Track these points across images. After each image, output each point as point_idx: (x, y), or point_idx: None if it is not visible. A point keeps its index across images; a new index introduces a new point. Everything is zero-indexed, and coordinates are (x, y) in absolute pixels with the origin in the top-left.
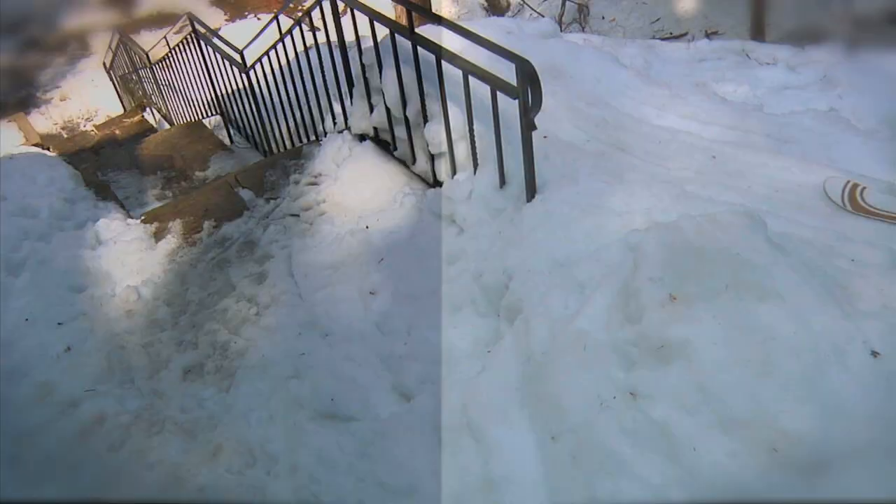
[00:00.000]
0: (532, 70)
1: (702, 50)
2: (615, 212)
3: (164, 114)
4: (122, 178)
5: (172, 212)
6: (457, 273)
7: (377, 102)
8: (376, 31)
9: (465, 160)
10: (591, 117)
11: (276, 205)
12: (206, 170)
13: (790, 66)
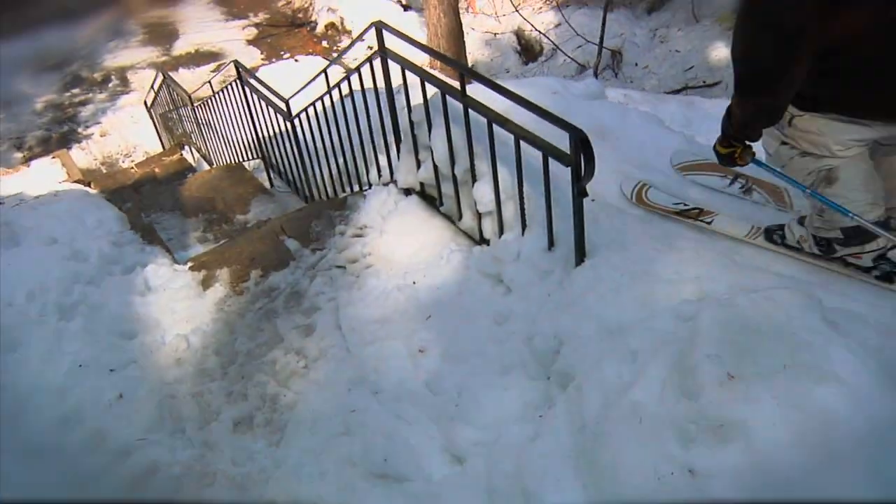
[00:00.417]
0: (586, 139)
1: None
2: (665, 279)
3: (203, 153)
4: (164, 219)
5: (219, 259)
6: (506, 334)
7: (424, 158)
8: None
9: (513, 220)
10: (638, 180)
11: (322, 256)
12: (246, 213)
13: None
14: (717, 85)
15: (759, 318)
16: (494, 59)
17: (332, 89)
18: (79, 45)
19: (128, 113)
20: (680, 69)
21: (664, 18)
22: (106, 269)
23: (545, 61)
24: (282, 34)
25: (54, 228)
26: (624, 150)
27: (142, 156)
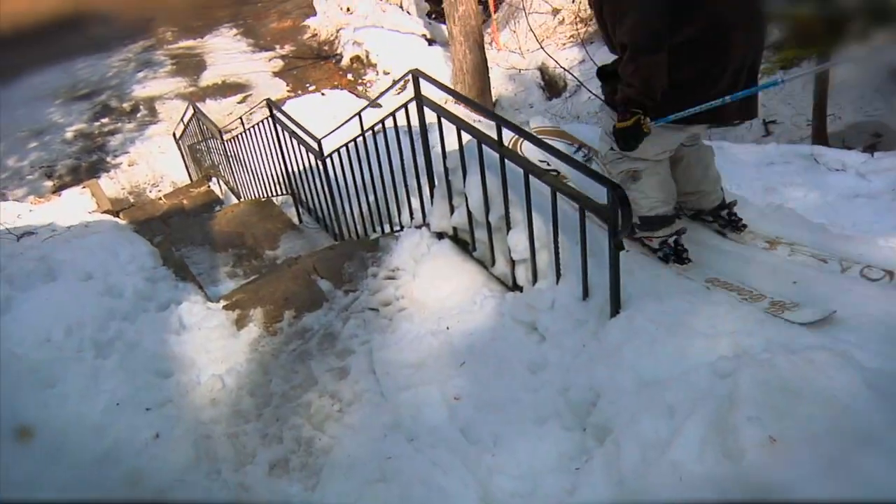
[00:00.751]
0: (624, 196)
1: (770, 154)
2: (701, 333)
3: (230, 186)
4: (195, 253)
5: (253, 299)
6: (540, 383)
7: (458, 204)
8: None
9: (547, 268)
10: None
11: (354, 297)
12: (276, 249)
13: (860, 174)
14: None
15: (799, 380)
16: (518, 94)
17: (365, 132)
18: (109, 76)
19: (155, 143)
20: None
21: None
22: (140, 305)
23: (569, 97)
24: (308, 66)
25: (88, 263)
26: None
27: (169, 186)
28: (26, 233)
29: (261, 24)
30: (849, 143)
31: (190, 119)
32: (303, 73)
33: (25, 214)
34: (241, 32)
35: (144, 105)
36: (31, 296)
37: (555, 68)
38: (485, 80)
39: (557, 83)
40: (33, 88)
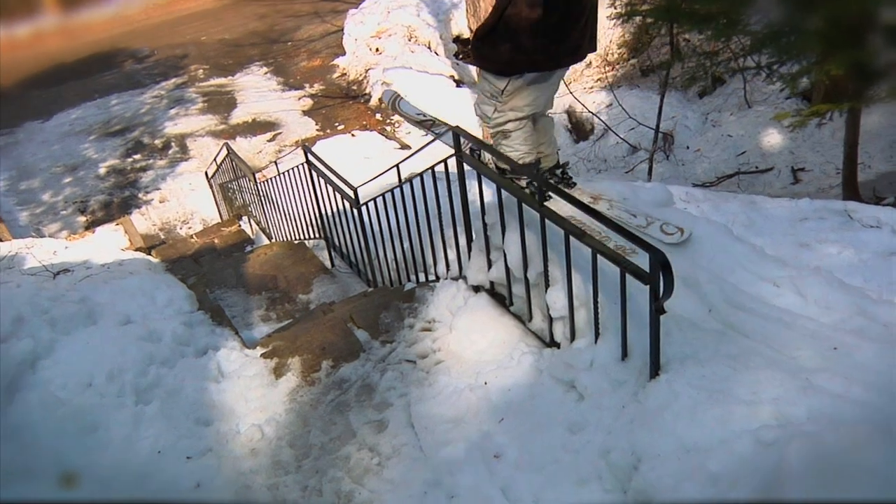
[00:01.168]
0: (665, 261)
1: (803, 209)
2: (742, 400)
3: (262, 226)
4: (228, 295)
5: (290, 347)
6: (580, 444)
7: (496, 259)
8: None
9: (585, 326)
10: (709, 293)
11: (391, 349)
12: (309, 293)
13: None
14: (770, 171)
15: (848, 457)
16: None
17: (402, 184)
18: (142, 112)
19: (186, 180)
20: (732, 154)
21: (716, 103)
22: (179, 350)
23: (596, 140)
24: (336, 106)
25: (127, 306)
26: (692, 261)
27: (199, 223)
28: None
29: (291, 63)
30: (880, 194)
31: (224, 159)
32: (332, 113)
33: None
34: (272, 71)
35: (176, 142)
36: (73, 339)
37: (582, 112)
38: None
39: (585, 126)
40: (69, 124)
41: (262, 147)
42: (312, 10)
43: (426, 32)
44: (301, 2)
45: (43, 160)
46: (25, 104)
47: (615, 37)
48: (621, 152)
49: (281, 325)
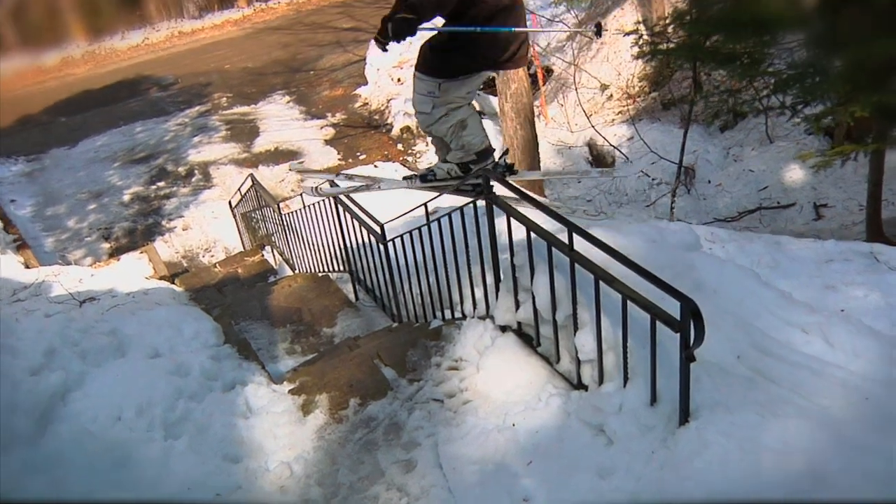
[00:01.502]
0: (697, 311)
1: (829, 251)
2: (772, 449)
3: (285, 257)
4: (253, 328)
5: (318, 384)
6: (610, 490)
7: (524, 300)
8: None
9: (614, 370)
10: (737, 339)
11: (419, 387)
12: (333, 326)
13: None
14: (792, 206)
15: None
16: (566, 169)
17: (430, 222)
18: (165, 139)
19: (209, 208)
20: (753, 188)
21: (737, 137)
22: (207, 384)
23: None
24: (358, 135)
25: (155, 338)
26: (721, 307)
27: (221, 251)
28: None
29: (313, 92)
30: None
31: (248, 190)
32: (353, 142)
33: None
34: (294, 100)
35: (199, 170)
36: (103, 372)
37: (603, 144)
38: (534, 156)
39: (605, 159)
40: (95, 151)
41: (285, 176)
42: (335, 40)
43: None
44: (323, 31)
45: (69, 186)
46: (52, 131)
47: (636, 70)
48: (642, 185)
49: (306, 358)
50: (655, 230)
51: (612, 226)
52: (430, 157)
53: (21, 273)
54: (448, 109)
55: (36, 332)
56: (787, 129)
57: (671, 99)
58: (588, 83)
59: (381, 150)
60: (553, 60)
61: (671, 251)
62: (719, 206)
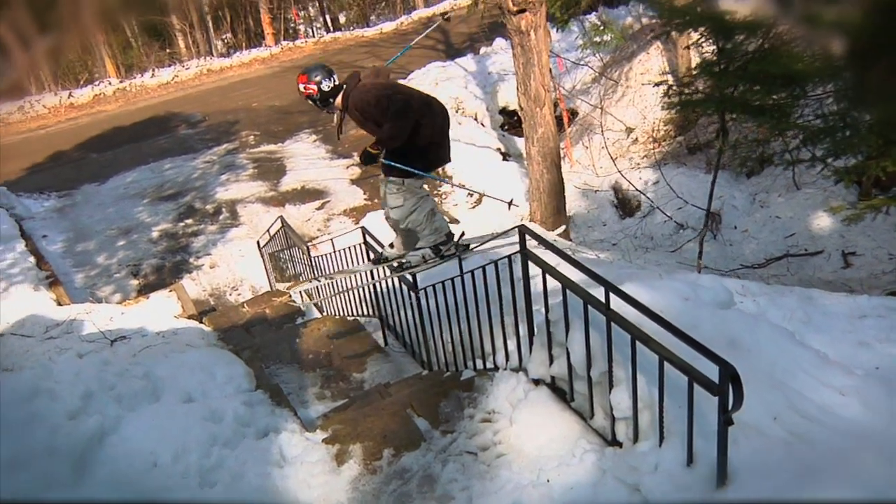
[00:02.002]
0: (736, 375)
1: (862, 306)
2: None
3: (313, 299)
4: (283, 372)
5: (351, 433)
6: None
7: (558, 355)
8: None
9: (649, 428)
10: (773, 400)
11: (452, 439)
12: (363, 372)
13: None
14: (820, 254)
15: None
16: (591, 212)
17: (463, 273)
18: (194, 177)
19: (236, 246)
20: (780, 235)
21: (764, 183)
22: (240, 431)
23: (643, 218)
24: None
25: (188, 382)
26: (756, 366)
27: (248, 289)
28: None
29: None
30: None
31: (277, 232)
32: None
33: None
34: (320, 139)
35: (226, 208)
36: (138, 416)
37: (628, 188)
38: (560, 200)
39: (631, 203)
40: (125, 187)
41: (311, 215)
42: None
43: (473, 104)
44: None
45: (99, 222)
46: (84, 167)
47: (662, 114)
48: (668, 230)
49: (336, 404)
50: (689, 287)
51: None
52: (455, 198)
53: (53, 310)
54: (417, 198)
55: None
56: (814, 176)
57: (697, 144)
58: (613, 126)
59: None
60: (578, 103)
61: (705, 308)
62: (746, 253)
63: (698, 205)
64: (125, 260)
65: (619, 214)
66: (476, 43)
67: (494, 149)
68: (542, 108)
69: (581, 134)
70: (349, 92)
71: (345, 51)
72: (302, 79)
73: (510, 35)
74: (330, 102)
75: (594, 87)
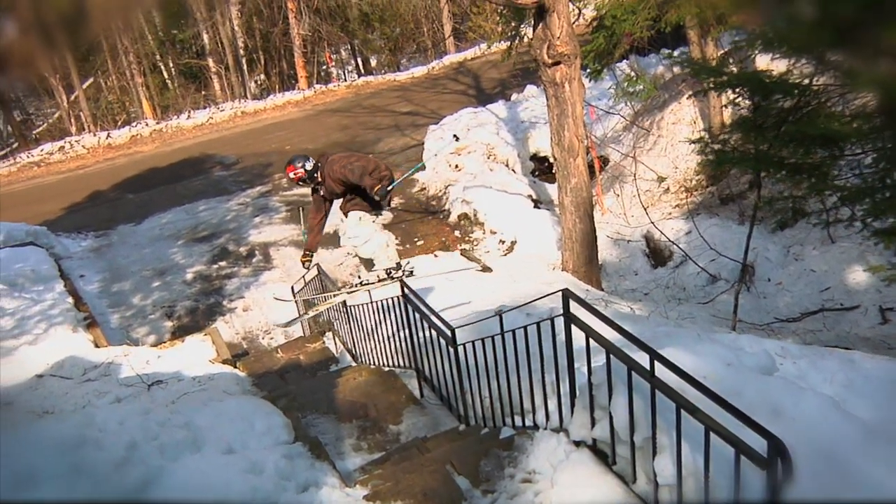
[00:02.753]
0: (784, 448)
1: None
2: None
3: (347, 347)
4: (320, 422)
5: (392, 490)
6: None
7: (600, 417)
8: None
9: (693, 495)
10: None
11: (493, 499)
12: (399, 424)
13: None
14: (856, 309)
15: None
16: (622, 261)
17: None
18: (227, 219)
19: (269, 289)
20: (815, 289)
21: (798, 236)
22: (281, 484)
23: (675, 268)
24: (415, 220)
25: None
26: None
27: (280, 334)
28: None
29: None
30: None
31: (313, 279)
32: (411, 227)
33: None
34: None
35: (260, 250)
36: (180, 467)
37: (660, 238)
38: (593, 250)
39: (663, 252)
40: (160, 228)
41: (343, 260)
42: (392, 124)
43: (504, 151)
44: (382, 114)
45: (134, 263)
46: (120, 207)
47: (694, 164)
48: (700, 281)
49: (373, 456)
50: (731, 351)
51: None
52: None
53: (91, 352)
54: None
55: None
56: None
57: (729, 194)
58: (644, 175)
59: (439, 237)
60: (609, 150)
61: (748, 374)
62: (780, 306)
63: (731, 256)
64: (160, 301)
65: (651, 264)
66: (507, 89)
67: (526, 195)
68: (575, 158)
69: (612, 182)
70: (324, 167)
71: (377, 94)
72: (290, 168)
73: (545, 86)
74: (315, 178)
75: (625, 134)
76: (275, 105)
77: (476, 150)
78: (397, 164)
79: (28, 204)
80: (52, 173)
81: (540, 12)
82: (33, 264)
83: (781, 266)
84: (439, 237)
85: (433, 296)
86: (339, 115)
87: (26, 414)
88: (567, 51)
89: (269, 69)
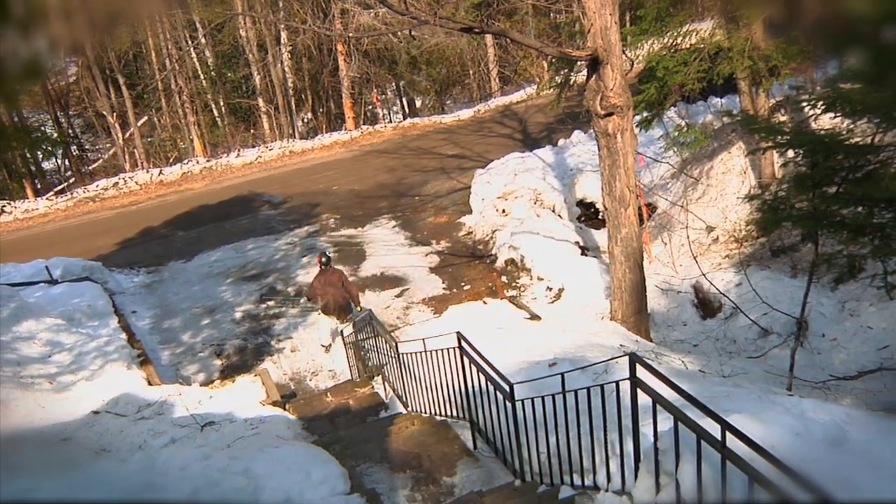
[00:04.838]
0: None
1: None
2: None
3: (397, 393)
4: (374, 471)
5: None
6: None
7: (665, 483)
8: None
9: None
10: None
11: None
12: (452, 476)
13: None
14: None
15: None
16: (671, 311)
17: (566, 392)
18: (276, 258)
19: (317, 330)
20: (872, 347)
21: (854, 292)
22: None
23: (725, 320)
24: (462, 265)
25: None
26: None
27: (328, 376)
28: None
29: (418, 218)
30: None
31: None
32: (458, 272)
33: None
34: (399, 225)
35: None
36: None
37: (710, 289)
38: (642, 300)
39: (712, 303)
40: (209, 266)
41: (391, 302)
42: (439, 166)
43: (551, 196)
44: (428, 157)
45: (184, 300)
46: (171, 244)
47: (744, 214)
48: (752, 335)
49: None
50: (797, 419)
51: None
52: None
53: (144, 389)
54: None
55: (178, 469)
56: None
57: (781, 246)
58: (693, 224)
59: (485, 282)
60: (656, 198)
61: (817, 445)
62: (835, 363)
63: (784, 310)
64: (209, 339)
65: (700, 315)
66: (553, 134)
67: (573, 242)
68: (626, 209)
69: (660, 230)
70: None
71: (423, 136)
72: (319, 258)
73: (597, 137)
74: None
75: (673, 182)
76: (322, 145)
77: (523, 196)
78: (443, 208)
79: (83, 238)
80: (107, 208)
81: (594, 64)
82: (89, 300)
83: (836, 322)
84: (486, 282)
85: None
86: (385, 157)
87: (83, 451)
88: (620, 102)
89: (317, 108)
